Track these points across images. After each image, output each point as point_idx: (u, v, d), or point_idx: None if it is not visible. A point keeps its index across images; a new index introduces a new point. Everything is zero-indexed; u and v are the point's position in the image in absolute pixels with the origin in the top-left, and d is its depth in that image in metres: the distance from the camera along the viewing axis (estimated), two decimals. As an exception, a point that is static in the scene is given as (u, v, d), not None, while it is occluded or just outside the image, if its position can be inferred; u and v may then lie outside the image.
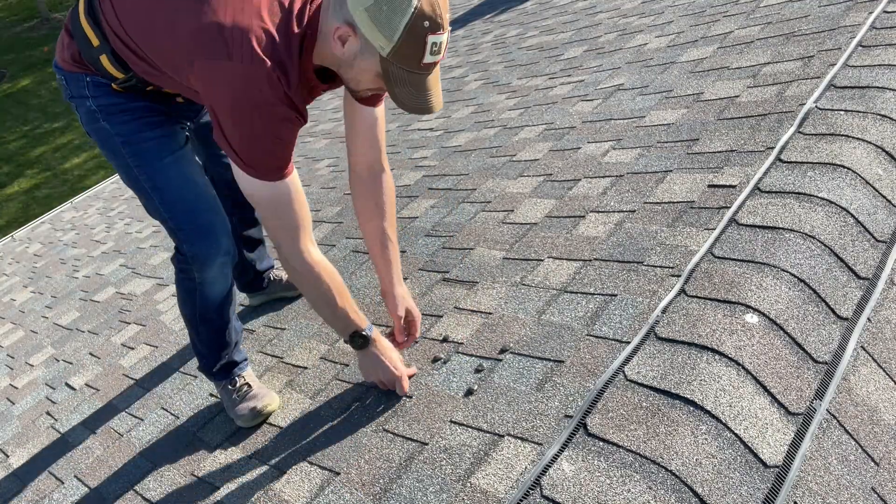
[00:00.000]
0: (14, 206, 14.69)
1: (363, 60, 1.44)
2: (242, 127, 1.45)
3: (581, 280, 1.76)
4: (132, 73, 1.63)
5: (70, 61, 1.70)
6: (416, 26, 1.35)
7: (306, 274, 1.60)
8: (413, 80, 1.44)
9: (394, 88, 1.45)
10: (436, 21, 1.37)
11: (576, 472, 1.23)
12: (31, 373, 3.01)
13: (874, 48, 2.23)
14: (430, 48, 1.39)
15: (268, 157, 1.49)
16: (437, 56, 1.42)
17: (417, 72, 1.43)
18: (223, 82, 1.43)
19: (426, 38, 1.37)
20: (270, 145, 1.48)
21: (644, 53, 3.15)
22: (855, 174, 1.78)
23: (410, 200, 2.77)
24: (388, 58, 1.40)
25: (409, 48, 1.38)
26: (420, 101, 1.48)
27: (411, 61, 1.40)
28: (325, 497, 1.47)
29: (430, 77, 1.46)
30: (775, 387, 1.33)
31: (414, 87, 1.45)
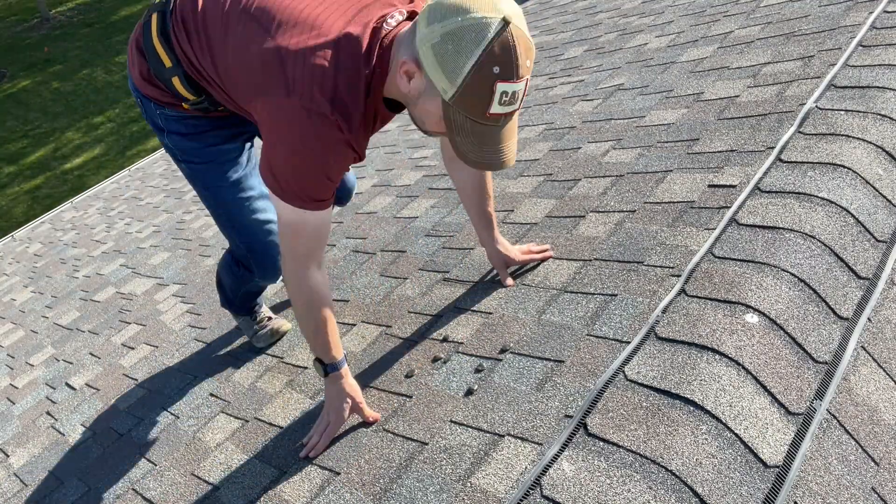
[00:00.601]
0: (14, 206, 14.69)
1: (427, 101, 1.33)
2: (292, 163, 1.39)
3: (581, 280, 1.76)
4: (204, 97, 1.63)
5: (141, 79, 1.72)
6: (483, 71, 1.21)
7: (300, 294, 1.56)
8: (477, 130, 1.31)
9: (455, 137, 1.33)
10: (510, 66, 1.22)
11: (576, 472, 1.23)
12: (32, 373, 3.01)
13: (874, 48, 2.23)
14: (498, 98, 1.24)
15: (309, 190, 1.43)
16: (511, 107, 1.28)
17: (482, 122, 1.29)
18: (284, 119, 1.36)
19: (494, 86, 1.23)
20: (314, 182, 1.42)
21: (644, 53, 3.15)
22: (855, 174, 1.77)
23: (410, 200, 2.77)
24: (450, 103, 1.28)
25: (473, 95, 1.25)
26: (485, 156, 1.34)
27: (475, 110, 1.27)
28: (325, 497, 1.47)
29: (502, 130, 1.32)
30: (775, 387, 1.33)
31: (477, 138, 1.32)
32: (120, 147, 16.24)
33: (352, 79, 1.35)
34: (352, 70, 1.35)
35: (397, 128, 3.92)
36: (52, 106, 18.41)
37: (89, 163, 15.81)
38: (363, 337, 1.99)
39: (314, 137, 1.35)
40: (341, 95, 1.33)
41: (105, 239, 4.73)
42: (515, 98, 1.26)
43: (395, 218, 2.67)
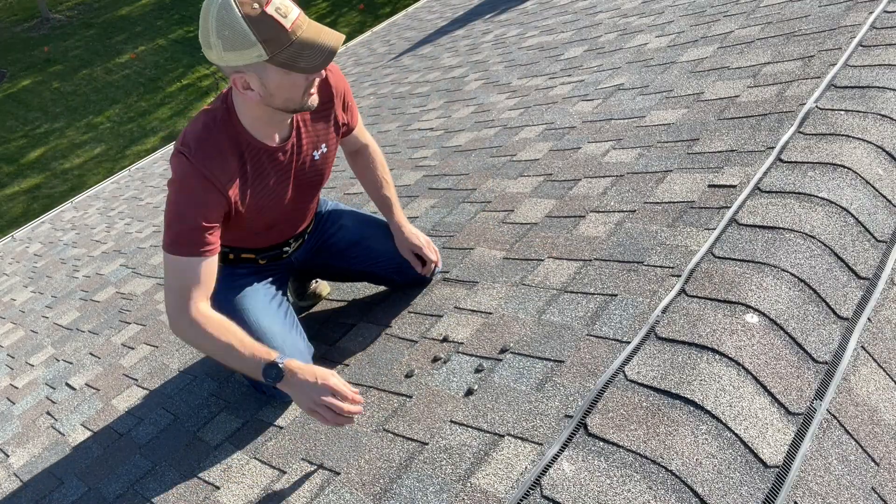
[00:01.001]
0: (14, 206, 14.69)
1: (269, 79, 1.55)
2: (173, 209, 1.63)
3: (581, 280, 1.76)
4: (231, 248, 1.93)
5: None
6: (251, 17, 1.46)
7: (195, 328, 1.61)
8: (300, 46, 1.52)
9: (300, 65, 1.53)
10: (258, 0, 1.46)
11: (576, 472, 1.23)
12: (32, 373, 3.01)
13: (874, 48, 2.23)
14: (278, 15, 1.48)
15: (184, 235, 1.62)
16: (293, 13, 1.50)
17: (295, 37, 1.51)
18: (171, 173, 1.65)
19: (266, 12, 1.46)
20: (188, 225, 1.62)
21: (644, 53, 3.15)
22: (855, 174, 1.77)
23: (410, 200, 2.77)
24: (270, 56, 1.50)
25: (269, 32, 1.47)
26: (321, 51, 1.54)
27: (282, 37, 1.49)
28: (325, 497, 1.47)
29: (307, 31, 1.52)
30: (775, 387, 1.33)
31: (306, 48, 1.52)
32: (120, 147, 16.25)
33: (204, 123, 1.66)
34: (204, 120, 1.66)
35: (397, 128, 3.92)
36: (52, 106, 18.42)
37: (89, 163, 15.82)
38: (363, 337, 1.99)
39: (178, 175, 1.62)
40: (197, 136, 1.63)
41: (105, 239, 4.73)
42: (288, 6, 1.50)
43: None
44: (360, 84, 5.72)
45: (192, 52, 19.66)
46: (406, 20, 7.86)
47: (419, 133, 3.62)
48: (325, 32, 1.55)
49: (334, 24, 19.30)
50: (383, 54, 6.48)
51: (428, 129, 3.61)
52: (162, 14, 22.30)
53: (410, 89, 4.70)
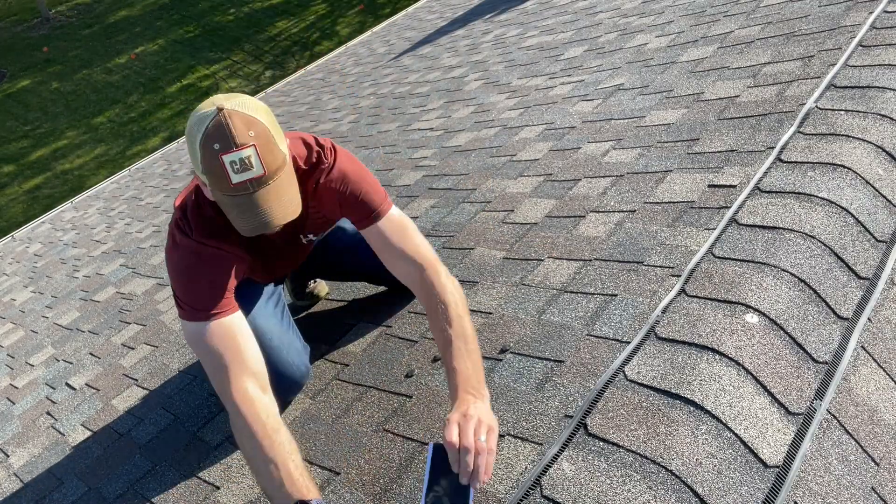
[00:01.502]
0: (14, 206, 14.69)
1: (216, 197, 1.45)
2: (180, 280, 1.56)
3: (581, 280, 1.76)
4: None
5: None
6: (207, 150, 1.35)
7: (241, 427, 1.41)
8: (236, 202, 1.40)
9: (230, 215, 1.43)
10: (226, 139, 1.34)
11: (576, 472, 1.23)
12: (32, 373, 3.01)
13: (874, 48, 2.23)
14: (230, 167, 1.35)
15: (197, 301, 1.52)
16: (248, 174, 1.36)
17: (234, 194, 1.38)
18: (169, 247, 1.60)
19: (221, 159, 1.35)
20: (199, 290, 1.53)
21: (644, 53, 3.15)
22: (855, 174, 1.78)
23: (410, 200, 2.77)
24: (211, 188, 1.41)
25: (212, 173, 1.37)
26: (250, 221, 1.41)
27: (222, 184, 1.38)
28: (326, 497, 1.47)
29: (259, 195, 1.39)
30: (775, 387, 1.33)
31: (239, 209, 1.40)
32: (120, 147, 16.25)
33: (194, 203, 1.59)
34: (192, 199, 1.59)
35: (397, 128, 3.92)
36: (52, 106, 18.42)
37: (89, 163, 15.82)
38: (363, 337, 1.99)
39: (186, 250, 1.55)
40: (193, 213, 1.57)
41: (105, 239, 4.73)
42: (249, 164, 1.36)
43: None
44: (360, 84, 5.72)
45: (192, 52, 19.66)
46: (406, 20, 7.86)
47: (419, 133, 3.62)
48: (275, 207, 1.40)
49: (334, 24, 19.33)
50: (383, 54, 6.48)
51: (428, 129, 3.61)
52: (162, 14, 22.30)
53: (410, 89, 4.70)
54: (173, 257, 1.58)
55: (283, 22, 20.42)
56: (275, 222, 1.41)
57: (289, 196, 1.44)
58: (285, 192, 1.43)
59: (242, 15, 21.35)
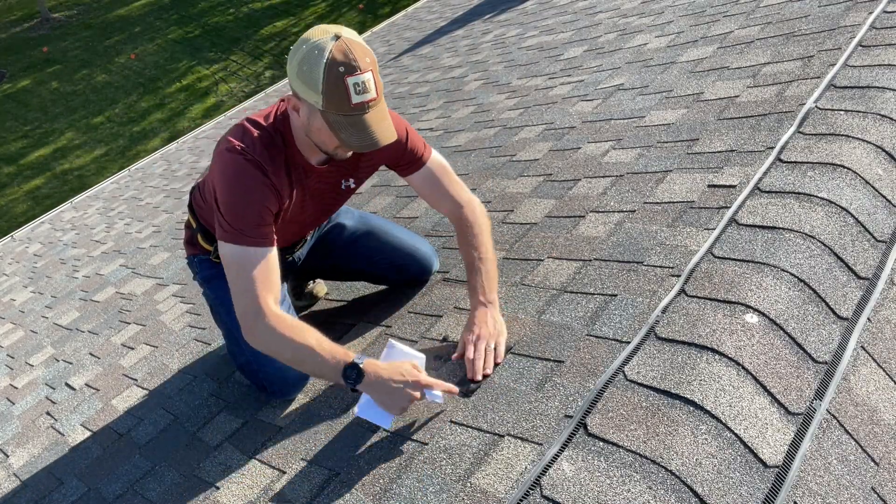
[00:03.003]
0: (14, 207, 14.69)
1: (313, 121, 1.61)
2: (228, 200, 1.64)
3: (581, 280, 1.76)
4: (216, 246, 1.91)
5: (186, 245, 2.12)
6: (332, 73, 1.51)
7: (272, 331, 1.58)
8: (352, 122, 1.57)
9: (339, 134, 1.58)
10: (350, 64, 1.51)
11: (576, 472, 1.23)
12: (31, 373, 3.01)
13: (874, 48, 2.23)
14: (353, 89, 1.53)
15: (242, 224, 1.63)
16: (366, 95, 1.55)
17: (352, 113, 1.56)
18: (221, 165, 1.67)
19: (346, 81, 1.52)
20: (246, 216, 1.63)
21: (644, 53, 3.15)
22: (855, 174, 1.78)
23: (411, 200, 2.77)
24: (324, 109, 1.56)
25: (334, 95, 1.53)
26: (364, 139, 1.58)
27: (342, 105, 1.54)
28: (325, 497, 1.47)
29: (369, 115, 1.57)
30: (775, 387, 1.34)
31: (355, 127, 1.57)
32: (120, 147, 16.25)
33: (267, 131, 1.70)
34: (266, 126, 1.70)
35: (397, 128, 3.92)
36: (52, 106, 18.42)
37: (89, 163, 15.82)
38: (363, 337, 1.99)
39: (241, 173, 1.64)
40: (260, 142, 1.67)
41: (105, 239, 4.73)
42: (368, 87, 1.54)
43: (396, 218, 2.67)
44: (359, 84, 5.71)
45: (191, 52, 19.66)
46: (406, 20, 7.86)
47: (419, 133, 3.62)
48: (383, 127, 1.60)
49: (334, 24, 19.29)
50: (383, 54, 6.48)
51: (428, 129, 3.61)
52: (161, 14, 22.30)
53: (410, 89, 4.70)
54: (228, 175, 1.64)
55: (283, 22, 20.42)
56: (382, 140, 1.59)
57: (389, 121, 1.63)
58: (387, 117, 1.63)
59: (242, 15, 21.34)
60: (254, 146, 1.65)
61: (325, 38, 1.53)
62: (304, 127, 1.66)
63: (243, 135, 1.68)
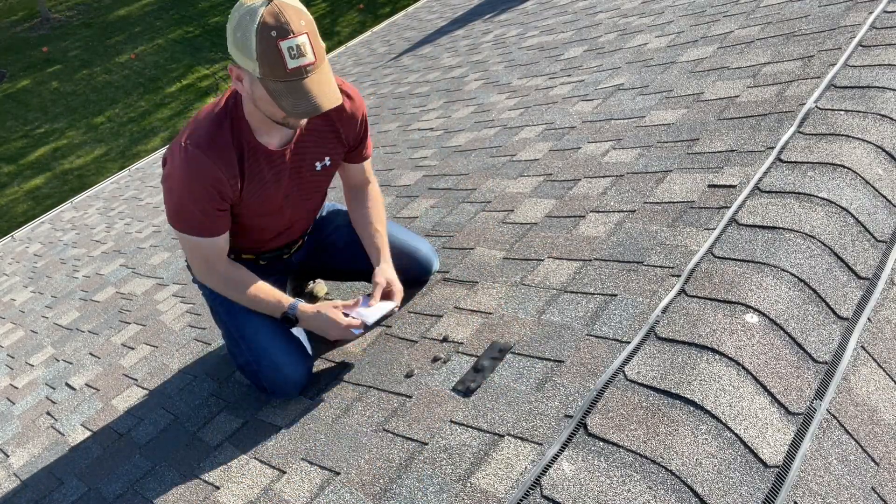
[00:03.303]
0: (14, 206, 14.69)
1: (256, 89, 1.58)
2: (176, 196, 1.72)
3: (581, 280, 1.76)
4: None
5: None
6: (264, 38, 1.48)
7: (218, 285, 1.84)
8: (290, 88, 1.53)
9: (279, 101, 1.55)
10: (282, 28, 1.47)
11: (576, 472, 1.23)
12: (32, 373, 3.01)
13: (874, 48, 2.23)
14: (287, 53, 1.49)
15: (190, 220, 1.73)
16: (302, 59, 1.51)
17: (290, 79, 1.52)
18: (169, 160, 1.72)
19: (279, 45, 1.48)
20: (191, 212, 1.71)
21: (644, 53, 3.15)
22: (855, 174, 1.78)
23: (410, 200, 2.77)
24: (262, 76, 1.52)
25: (269, 60, 1.50)
26: (304, 105, 1.55)
27: (278, 70, 1.51)
28: (325, 497, 1.47)
29: (309, 80, 1.54)
30: (775, 387, 1.33)
31: (293, 93, 1.54)
32: (120, 147, 16.24)
33: (215, 118, 1.69)
34: (215, 113, 1.70)
35: (397, 128, 3.92)
36: (52, 106, 18.41)
37: (89, 163, 15.81)
38: (363, 337, 1.99)
39: (182, 166, 1.66)
40: (205, 133, 1.67)
41: (105, 239, 4.73)
42: (304, 51, 1.51)
43: (395, 218, 2.67)
44: (360, 84, 5.72)
45: (192, 52, 19.65)
46: (406, 20, 7.86)
47: (419, 133, 3.62)
48: (325, 91, 1.56)
49: (333, 24, 19.31)
50: (383, 54, 6.48)
51: (428, 129, 3.61)
52: (161, 14, 22.29)
53: (410, 89, 4.70)
54: (170, 171, 1.70)
55: (283, 22, 20.40)
56: (324, 105, 1.56)
57: (332, 85, 1.60)
58: (330, 81, 1.59)
59: (242, 15, 21.32)
60: (198, 138, 1.66)
61: (257, 2, 1.50)
62: (250, 98, 1.64)
63: (192, 128, 1.69)
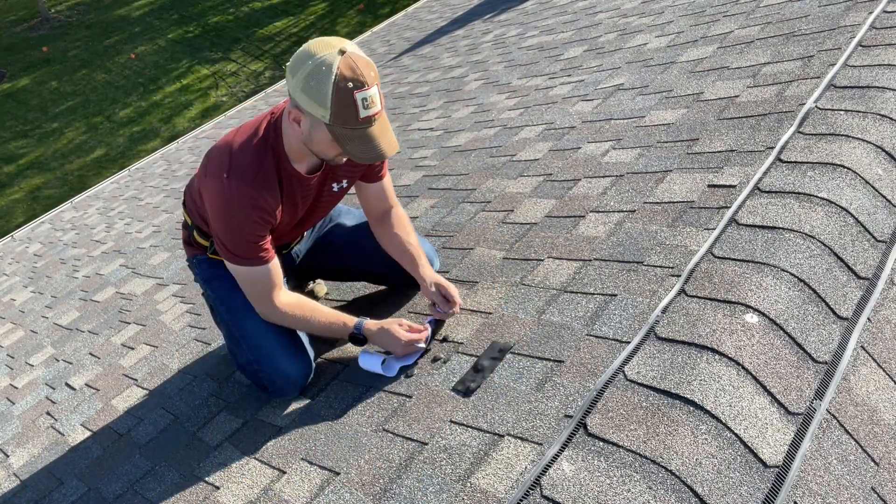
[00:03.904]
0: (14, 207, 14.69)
1: (316, 133, 1.65)
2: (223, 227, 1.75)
3: (581, 280, 1.76)
4: (211, 242, 1.97)
5: (185, 246, 2.13)
6: (341, 89, 1.56)
7: (285, 317, 1.84)
8: (358, 135, 1.62)
9: (345, 146, 1.64)
10: (358, 80, 1.56)
11: (576, 472, 1.23)
12: (31, 373, 3.01)
13: (874, 48, 2.23)
14: (361, 104, 1.58)
15: (240, 250, 1.76)
16: (373, 109, 1.60)
17: (359, 127, 1.61)
18: (212, 193, 1.74)
19: (354, 96, 1.56)
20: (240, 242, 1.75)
21: (644, 53, 3.15)
22: (855, 174, 1.78)
23: (410, 200, 2.77)
24: (330, 123, 1.60)
25: (342, 109, 1.58)
26: (371, 151, 1.64)
27: (350, 119, 1.59)
28: (325, 497, 1.47)
29: (374, 128, 1.63)
30: (775, 387, 1.34)
31: (361, 140, 1.63)
32: (120, 147, 16.24)
33: (256, 150, 1.73)
34: (255, 145, 1.74)
35: (397, 128, 3.92)
36: (52, 106, 18.40)
37: (89, 163, 15.80)
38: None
39: (231, 204, 1.70)
40: (249, 167, 1.70)
41: (105, 239, 4.73)
42: (374, 101, 1.60)
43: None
44: (359, 84, 5.71)
45: (191, 52, 19.65)
46: (406, 20, 7.86)
47: (419, 133, 3.62)
48: (387, 139, 1.66)
49: (333, 24, 19.32)
50: (383, 54, 6.48)
51: (428, 130, 3.61)
52: (161, 14, 22.29)
53: (410, 89, 4.70)
54: (218, 206, 1.73)
55: (283, 22, 20.41)
56: (388, 152, 1.66)
57: (391, 132, 1.69)
58: (389, 128, 1.69)
59: (242, 15, 21.34)
60: (243, 171, 1.70)
61: (332, 53, 1.56)
62: (303, 137, 1.69)
63: (231, 159, 1.71)
